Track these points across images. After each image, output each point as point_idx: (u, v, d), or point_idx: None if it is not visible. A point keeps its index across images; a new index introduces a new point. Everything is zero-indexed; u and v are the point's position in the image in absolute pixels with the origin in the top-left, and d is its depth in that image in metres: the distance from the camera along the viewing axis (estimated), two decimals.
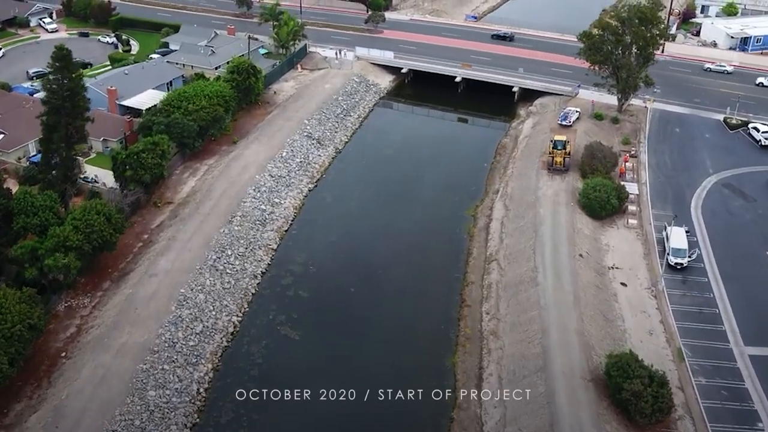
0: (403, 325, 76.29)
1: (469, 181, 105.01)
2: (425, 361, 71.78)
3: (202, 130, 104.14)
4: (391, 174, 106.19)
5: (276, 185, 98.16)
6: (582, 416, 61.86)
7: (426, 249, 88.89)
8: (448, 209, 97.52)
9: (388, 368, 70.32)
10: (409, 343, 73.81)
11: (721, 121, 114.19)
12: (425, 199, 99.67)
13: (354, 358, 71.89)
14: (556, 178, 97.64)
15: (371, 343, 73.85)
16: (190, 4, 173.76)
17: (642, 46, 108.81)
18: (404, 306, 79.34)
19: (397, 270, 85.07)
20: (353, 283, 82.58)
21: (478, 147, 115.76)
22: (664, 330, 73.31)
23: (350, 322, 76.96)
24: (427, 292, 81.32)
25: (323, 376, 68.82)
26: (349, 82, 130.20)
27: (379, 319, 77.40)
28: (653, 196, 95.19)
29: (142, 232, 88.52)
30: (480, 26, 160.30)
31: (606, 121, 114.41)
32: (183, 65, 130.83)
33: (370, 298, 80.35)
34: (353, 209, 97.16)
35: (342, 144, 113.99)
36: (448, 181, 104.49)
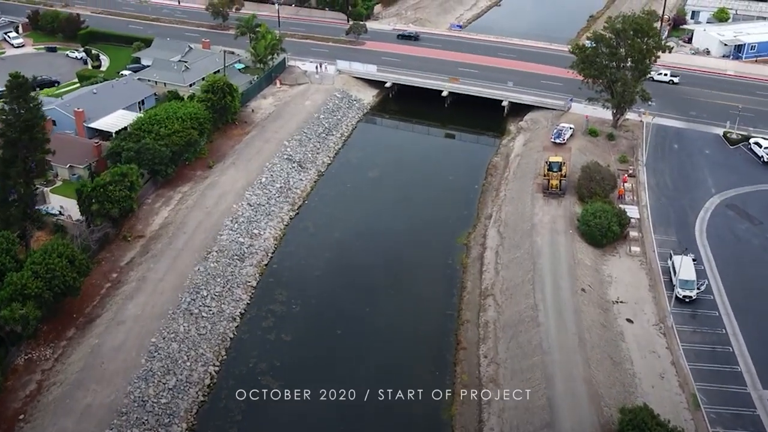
0: (395, 370, 70.31)
1: (459, 204, 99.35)
2: (419, 414, 65.85)
3: (175, 156, 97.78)
4: (376, 198, 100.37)
5: (255, 215, 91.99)
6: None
7: (417, 283, 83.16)
8: (439, 237, 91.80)
9: (379, 425, 64.45)
10: (403, 390, 67.56)
11: (721, 135, 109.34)
12: (414, 226, 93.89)
13: (342, 410, 65.86)
14: (553, 202, 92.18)
15: (360, 395, 67.59)
16: (164, 15, 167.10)
17: (638, 59, 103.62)
18: (395, 349, 73.52)
19: (387, 307, 79.24)
20: (339, 323, 76.58)
21: (467, 166, 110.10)
22: (676, 372, 67.95)
23: (338, 367, 70.92)
24: (420, 333, 75.52)
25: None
26: (331, 98, 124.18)
27: (368, 365, 71.37)
28: (655, 220, 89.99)
29: (110, 270, 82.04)
30: (466, 36, 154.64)
31: (601, 137, 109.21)
32: (155, 82, 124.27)
33: (357, 341, 74.40)
34: (337, 239, 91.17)
35: (324, 166, 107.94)
36: (437, 205, 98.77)
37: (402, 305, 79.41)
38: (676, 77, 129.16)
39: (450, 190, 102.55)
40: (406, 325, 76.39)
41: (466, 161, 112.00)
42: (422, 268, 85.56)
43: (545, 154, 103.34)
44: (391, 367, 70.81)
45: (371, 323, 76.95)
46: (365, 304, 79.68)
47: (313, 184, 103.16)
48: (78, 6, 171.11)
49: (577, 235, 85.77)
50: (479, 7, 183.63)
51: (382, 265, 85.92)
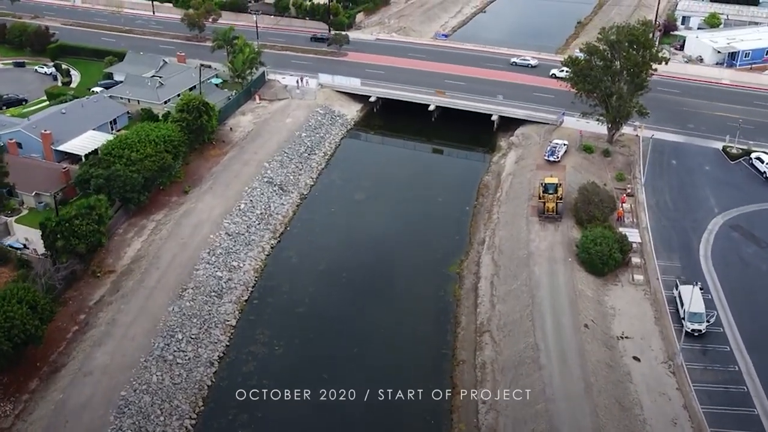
0: (386, 417, 65.10)
1: (450, 228, 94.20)
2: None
3: (148, 182, 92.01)
4: (362, 224, 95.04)
5: (233, 245, 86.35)
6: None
7: (408, 318, 77.85)
8: (430, 265, 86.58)
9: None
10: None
11: (721, 150, 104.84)
12: (403, 254, 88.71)
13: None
14: (549, 227, 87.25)
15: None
16: (138, 26, 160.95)
17: (633, 72, 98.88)
18: (387, 391, 67.94)
19: (377, 345, 74.01)
20: (325, 367, 71.09)
21: (457, 186, 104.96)
22: (689, 417, 63.08)
23: (325, 416, 65.49)
24: (412, 376, 70.05)
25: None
26: (313, 114, 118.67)
27: (359, 410, 65.96)
28: (657, 244, 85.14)
29: (77, 311, 76.17)
30: (452, 45, 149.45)
31: (596, 153, 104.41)
32: (128, 100, 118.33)
33: (347, 384, 68.73)
34: (322, 271, 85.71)
35: (307, 188, 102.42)
36: (427, 229, 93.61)
37: (393, 344, 74.14)
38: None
39: (440, 213, 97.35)
40: (398, 367, 71.01)
41: (456, 180, 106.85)
42: (413, 302, 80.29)
43: (539, 173, 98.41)
44: (382, 413, 65.51)
45: (360, 363, 71.61)
46: (353, 342, 74.36)
47: (295, 208, 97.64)
48: (48, 18, 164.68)
49: (576, 263, 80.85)
50: (464, 14, 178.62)
51: (371, 299, 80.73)
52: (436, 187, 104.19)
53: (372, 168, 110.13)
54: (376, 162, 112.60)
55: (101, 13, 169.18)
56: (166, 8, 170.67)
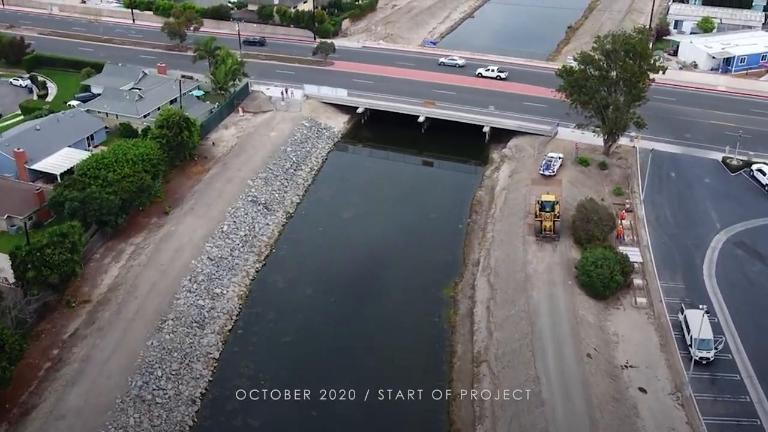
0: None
1: (443, 248, 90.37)
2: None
3: (125, 204, 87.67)
4: (351, 243, 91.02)
5: (216, 270, 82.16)
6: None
7: (401, 347, 73.98)
8: (423, 288, 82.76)
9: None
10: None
11: (720, 161, 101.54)
12: (394, 275, 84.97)
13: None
14: (547, 246, 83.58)
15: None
16: (117, 36, 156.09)
17: (631, 83, 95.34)
18: None
19: (368, 380, 69.67)
20: (314, 403, 66.96)
21: (449, 202, 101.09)
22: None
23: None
24: (407, 411, 66.16)
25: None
26: (299, 127, 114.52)
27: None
28: (659, 263, 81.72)
29: (50, 345, 71.80)
30: (440, 53, 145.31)
31: (593, 166, 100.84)
32: (106, 114, 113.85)
33: (336, 424, 64.99)
34: (309, 296, 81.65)
35: (293, 206, 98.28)
36: (418, 249, 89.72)
37: (385, 376, 70.01)
38: (503, 72, 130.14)
39: (432, 231, 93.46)
40: (390, 402, 66.85)
41: (448, 196, 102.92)
42: (406, 329, 76.40)
43: (534, 188, 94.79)
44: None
45: (351, 397, 67.33)
46: (343, 374, 70.27)
47: (281, 228, 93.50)
48: (24, 27, 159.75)
49: (576, 286, 77.23)
50: (452, 20, 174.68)
51: (362, 326, 76.87)
52: (428, 202, 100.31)
53: (360, 183, 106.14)
54: (365, 176, 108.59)
55: (79, 21, 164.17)
56: (146, 16, 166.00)
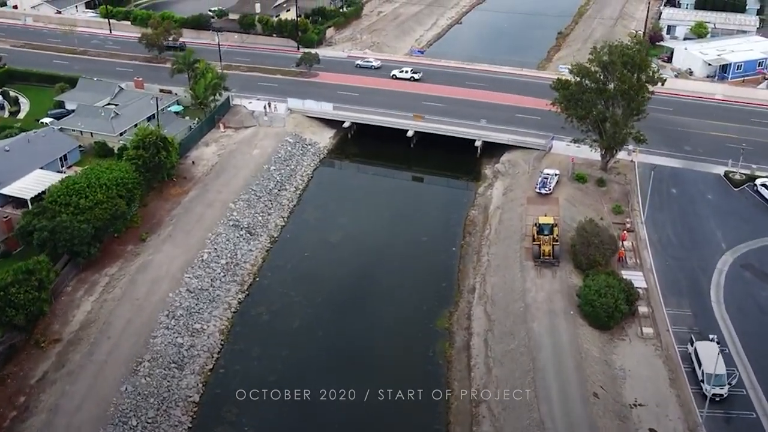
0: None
1: (436, 273, 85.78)
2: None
3: (99, 232, 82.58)
4: (340, 270, 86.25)
5: (196, 303, 77.23)
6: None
7: (392, 384, 68.80)
8: (415, 319, 78.14)
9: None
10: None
11: (722, 176, 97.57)
12: (385, 306, 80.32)
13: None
14: (546, 273, 79.18)
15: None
16: (93, 47, 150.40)
17: (629, 96, 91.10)
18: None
19: (359, 425, 65.14)
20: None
21: (441, 222, 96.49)
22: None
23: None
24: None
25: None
26: (282, 144, 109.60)
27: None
28: (664, 289, 77.58)
29: (17, 392, 66.63)
30: (428, 62, 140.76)
31: (590, 183, 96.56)
32: (80, 132, 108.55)
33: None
34: (295, 329, 76.87)
35: (278, 230, 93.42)
36: (410, 275, 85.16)
37: (377, 420, 65.47)
38: (417, 74, 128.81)
39: (424, 255, 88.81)
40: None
41: (440, 215, 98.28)
42: (399, 366, 71.81)
43: (530, 207, 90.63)
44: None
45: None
46: (332, 418, 65.64)
47: (265, 254, 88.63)
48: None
49: (579, 316, 72.89)
50: (439, 27, 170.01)
51: (351, 363, 72.17)
52: (419, 223, 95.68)
53: (348, 203, 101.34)
54: (352, 196, 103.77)
55: (54, 33, 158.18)
56: (123, 26, 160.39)
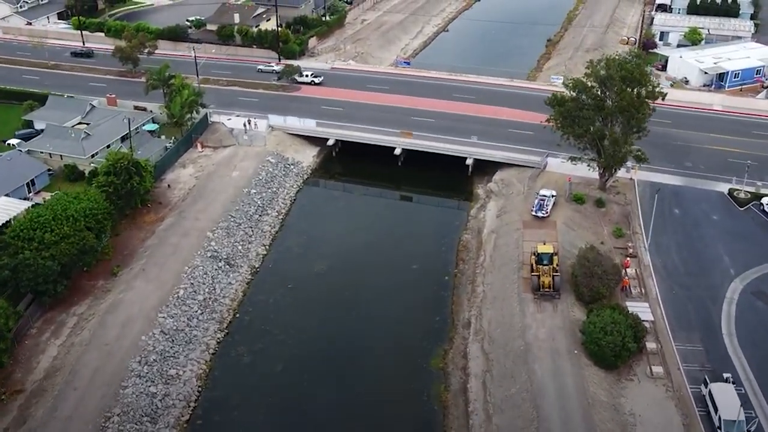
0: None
1: (428, 305, 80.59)
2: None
3: (66, 268, 76.74)
4: (325, 304, 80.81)
5: (171, 347, 71.56)
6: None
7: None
8: (407, 357, 72.93)
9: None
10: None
11: (726, 194, 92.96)
12: (375, 343, 75.11)
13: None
14: (546, 306, 74.13)
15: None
16: (65, 61, 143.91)
17: (629, 113, 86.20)
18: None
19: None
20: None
21: (432, 247, 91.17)
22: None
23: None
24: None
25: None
26: (263, 164, 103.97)
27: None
28: (673, 322, 72.77)
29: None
30: (415, 74, 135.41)
31: (588, 204, 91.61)
32: (50, 155, 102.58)
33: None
34: (279, 371, 71.47)
35: (259, 259, 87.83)
36: (401, 308, 79.90)
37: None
38: (318, 78, 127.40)
39: (415, 286, 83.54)
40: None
41: (431, 240, 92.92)
42: (392, 413, 66.47)
43: (526, 232, 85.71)
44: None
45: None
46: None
47: (245, 287, 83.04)
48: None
49: (583, 356, 67.84)
50: (425, 35, 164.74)
51: (341, 411, 66.70)
52: (409, 249, 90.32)
53: (333, 227, 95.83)
54: (338, 219, 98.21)
55: (24, 45, 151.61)
56: (97, 38, 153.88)
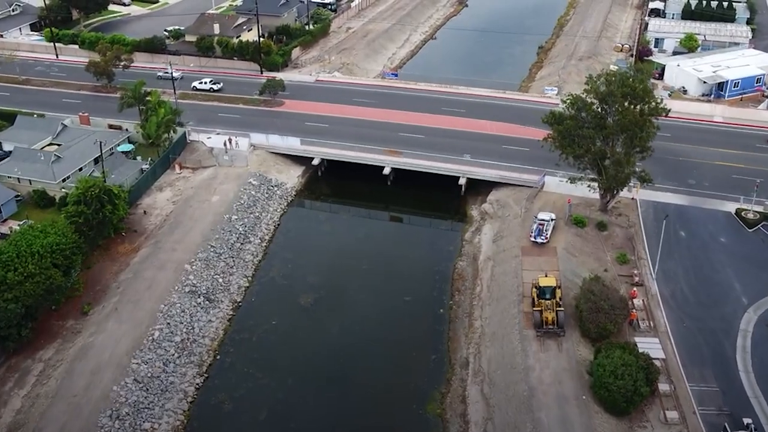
0: None
1: (423, 342, 75.38)
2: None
3: (30, 310, 70.97)
4: (312, 340, 75.53)
5: (145, 396, 65.95)
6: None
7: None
8: (402, 402, 67.77)
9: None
10: None
11: (733, 214, 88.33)
12: (367, 387, 69.83)
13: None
14: (550, 344, 69.08)
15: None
16: (37, 75, 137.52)
17: (633, 132, 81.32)
18: None
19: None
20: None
21: (425, 276, 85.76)
22: None
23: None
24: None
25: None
26: (245, 186, 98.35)
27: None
28: (685, 358, 67.95)
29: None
30: (403, 86, 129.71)
31: (589, 227, 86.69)
32: (18, 179, 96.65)
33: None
34: (262, 419, 66.04)
35: (241, 293, 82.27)
36: (394, 344, 74.80)
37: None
38: (217, 84, 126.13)
39: (408, 320, 78.28)
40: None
41: (424, 267, 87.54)
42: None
43: (525, 259, 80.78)
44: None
45: None
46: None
47: (227, 324, 77.51)
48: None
49: (592, 401, 62.80)
50: (412, 43, 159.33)
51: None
52: (401, 278, 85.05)
53: (320, 254, 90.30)
54: (325, 245, 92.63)
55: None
56: (71, 50, 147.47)
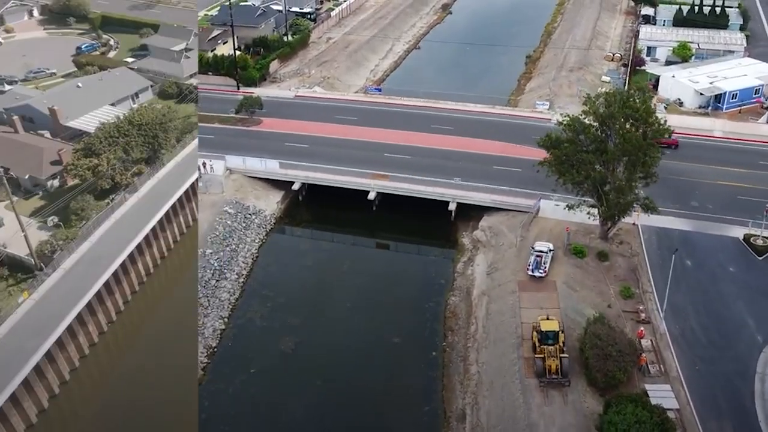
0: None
1: (414, 391, 69.30)
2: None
3: None
4: (294, 392, 69.27)
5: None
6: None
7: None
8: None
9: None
10: None
11: (741, 240, 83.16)
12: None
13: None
14: (554, 394, 63.34)
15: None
16: None
17: (636, 157, 75.85)
18: None
19: None
20: None
21: (415, 313, 79.45)
22: None
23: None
24: None
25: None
26: (221, 216, 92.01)
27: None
28: (700, 408, 62.42)
29: None
30: (387, 101, 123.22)
31: (590, 257, 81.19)
32: None
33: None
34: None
35: (216, 337, 75.88)
36: (383, 395, 68.84)
37: None
38: None
39: (398, 366, 72.07)
40: None
41: (413, 303, 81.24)
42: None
43: (523, 295, 75.20)
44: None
45: None
46: None
47: (201, 374, 71.16)
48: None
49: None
50: (395, 54, 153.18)
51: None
52: (388, 317, 78.82)
53: (301, 290, 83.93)
54: (306, 279, 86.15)
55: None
56: None
